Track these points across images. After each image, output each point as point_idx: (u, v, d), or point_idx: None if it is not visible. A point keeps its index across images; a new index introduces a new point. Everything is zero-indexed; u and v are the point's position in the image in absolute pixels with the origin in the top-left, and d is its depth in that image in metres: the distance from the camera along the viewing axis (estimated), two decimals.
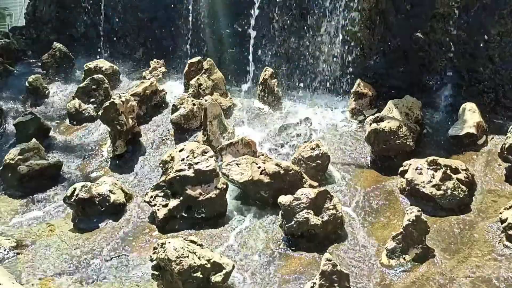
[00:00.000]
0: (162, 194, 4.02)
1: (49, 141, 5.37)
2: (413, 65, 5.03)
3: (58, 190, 4.60)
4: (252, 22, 5.77)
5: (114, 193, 4.18)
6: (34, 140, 4.84)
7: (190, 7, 6.45)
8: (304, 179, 4.07)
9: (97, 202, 4.13)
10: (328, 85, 5.49)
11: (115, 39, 7.34)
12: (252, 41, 5.80)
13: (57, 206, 4.39)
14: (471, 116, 4.34)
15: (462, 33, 4.74)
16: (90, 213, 4.13)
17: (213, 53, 6.33)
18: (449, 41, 4.81)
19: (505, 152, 3.75)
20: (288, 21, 5.76)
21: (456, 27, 4.75)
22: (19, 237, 4.00)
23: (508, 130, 3.80)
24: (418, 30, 4.95)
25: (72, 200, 4.07)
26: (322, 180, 4.19)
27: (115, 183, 4.29)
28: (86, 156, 5.07)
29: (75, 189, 4.10)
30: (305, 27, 5.61)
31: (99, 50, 7.29)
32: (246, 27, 5.93)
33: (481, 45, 4.65)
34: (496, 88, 4.63)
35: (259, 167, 3.99)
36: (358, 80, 5.09)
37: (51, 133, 5.51)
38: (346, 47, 5.32)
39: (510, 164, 3.81)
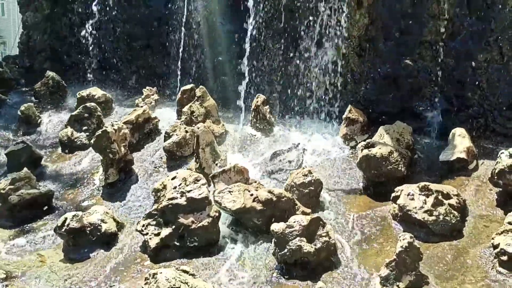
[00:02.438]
0: (154, 222, 3.99)
1: (41, 170, 5.34)
2: (403, 92, 5.10)
3: (49, 220, 4.55)
4: (246, 49, 5.85)
5: (105, 223, 4.15)
6: (25, 169, 4.82)
7: (182, 35, 6.53)
8: (297, 206, 4.06)
9: (88, 231, 4.09)
10: (319, 111, 5.55)
11: (108, 67, 7.40)
12: (243, 69, 5.87)
13: (47, 236, 4.33)
14: (461, 141, 4.39)
15: (450, 60, 4.83)
16: (81, 243, 4.08)
17: (206, 80, 6.40)
18: (438, 68, 4.90)
19: (496, 177, 3.78)
20: (280, 49, 5.84)
21: (444, 54, 4.85)
22: (8, 268, 3.93)
23: (498, 155, 3.83)
24: (407, 57, 5.04)
25: (63, 230, 4.03)
26: (315, 207, 4.18)
27: (106, 212, 4.26)
28: (77, 185, 5.04)
29: (66, 218, 4.06)
30: (297, 55, 5.69)
31: (92, 78, 7.33)
32: (238, 54, 6.00)
33: (469, 71, 4.74)
34: (485, 114, 4.70)
35: (251, 195, 3.98)
36: (350, 106, 5.14)
37: (43, 162, 5.48)
38: (337, 74, 5.40)
39: (501, 189, 3.84)
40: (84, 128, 5.79)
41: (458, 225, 3.69)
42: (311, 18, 5.48)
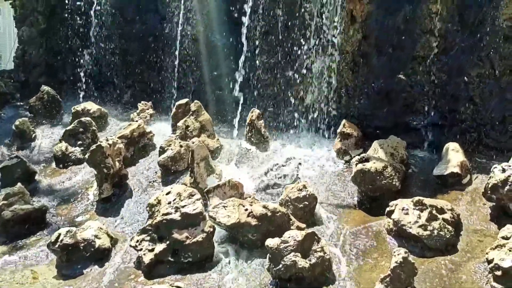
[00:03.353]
0: (148, 238, 3.96)
1: (35, 185, 5.32)
2: (397, 106, 5.14)
3: (43, 235, 4.52)
4: (240, 63, 5.89)
5: (99, 238, 4.12)
6: (19, 184, 4.80)
7: (177, 49, 6.57)
8: (291, 221, 4.05)
9: (82, 247, 4.06)
10: (314, 126, 5.57)
11: (103, 81, 7.42)
12: (238, 83, 5.91)
13: (40, 252, 4.30)
14: (454, 155, 4.41)
15: (443, 74, 4.88)
16: (74, 259, 4.05)
17: (201, 94, 6.43)
18: (430, 83, 4.94)
19: (489, 192, 3.79)
20: (275, 63, 5.88)
21: (437, 69, 4.89)
22: (1, 285, 3.89)
23: (491, 170, 3.85)
24: (400, 72, 5.08)
25: (56, 246, 4.00)
26: (310, 221, 4.18)
27: (100, 228, 4.24)
28: (71, 200, 5.02)
29: (59, 234, 4.03)
30: (291, 69, 5.74)
31: (87, 92, 7.34)
32: (233, 69, 6.04)
33: (462, 86, 4.78)
34: (478, 128, 4.73)
35: (246, 210, 3.98)
36: (344, 121, 5.17)
37: (37, 177, 5.46)
38: (331, 88, 5.44)
39: (494, 204, 3.85)
40: (79, 142, 5.79)
41: (452, 240, 3.69)
42: (305, 33, 5.54)
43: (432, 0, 4.81)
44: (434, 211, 3.74)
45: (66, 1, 7.43)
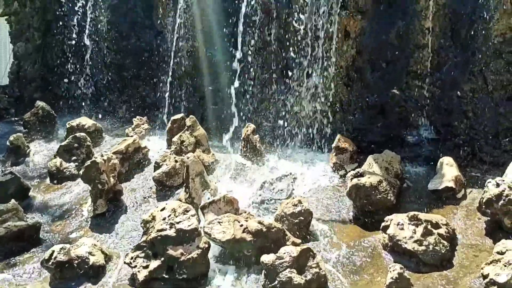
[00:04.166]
0: (143, 255, 3.94)
1: (29, 201, 5.27)
2: (391, 120, 5.17)
3: (36, 252, 4.47)
4: (235, 78, 5.91)
5: (93, 255, 4.08)
6: (13, 201, 4.75)
7: (172, 65, 6.60)
8: (287, 236, 4.04)
9: (75, 264, 4.02)
10: (309, 140, 5.59)
11: (98, 96, 7.43)
12: (233, 98, 5.93)
13: (34, 269, 4.25)
14: (449, 170, 4.43)
15: (436, 89, 4.92)
16: (68, 276, 4.00)
17: (196, 109, 6.44)
18: (424, 97, 4.98)
19: (483, 207, 3.80)
20: (270, 78, 5.92)
21: (430, 83, 4.94)
22: None
23: (485, 185, 3.86)
24: (394, 86, 5.12)
25: (50, 263, 3.96)
26: (305, 237, 4.17)
27: (94, 244, 4.20)
28: (66, 216, 4.98)
29: (53, 251, 4.00)
30: (286, 84, 5.77)
31: (82, 107, 7.34)
32: (228, 84, 6.06)
33: (455, 101, 4.82)
34: (471, 142, 4.76)
35: (241, 225, 3.96)
36: (339, 135, 5.19)
37: (31, 193, 5.42)
38: (326, 103, 5.46)
39: (489, 218, 3.86)
40: (74, 158, 5.76)
41: (448, 255, 3.69)
42: (299, 48, 5.58)
43: (424, 16, 4.88)
44: (429, 226, 3.75)
45: (62, 17, 7.46)
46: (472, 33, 4.69)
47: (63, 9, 7.37)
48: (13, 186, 5.24)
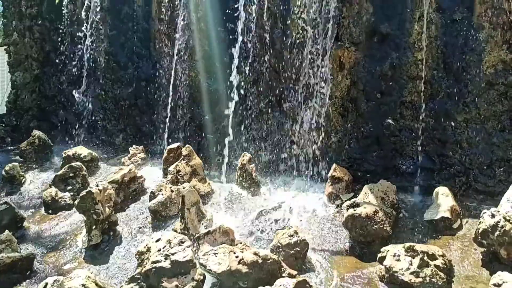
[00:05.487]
0: (137, 287, 3.89)
1: (23, 232, 5.23)
2: (386, 150, 5.20)
3: (29, 285, 4.41)
4: (231, 108, 5.96)
5: (87, 287, 4.03)
6: (7, 231, 4.72)
7: (169, 94, 6.66)
8: (283, 268, 4.00)
9: None
10: (305, 170, 5.60)
11: (95, 125, 7.45)
12: (230, 127, 5.96)
13: None
14: (444, 200, 4.44)
15: (430, 119, 4.97)
16: None
17: (192, 139, 6.47)
18: (418, 127, 5.02)
19: (479, 238, 3.80)
20: (265, 108, 5.96)
21: (424, 114, 4.99)
22: None
23: (481, 215, 3.86)
24: (388, 116, 5.17)
25: None
26: (301, 268, 4.13)
27: (88, 276, 4.14)
28: (60, 247, 4.94)
29: (46, 284, 3.92)
30: (282, 113, 5.82)
31: (79, 137, 7.36)
32: (224, 113, 6.11)
33: (449, 131, 4.87)
34: (466, 172, 4.78)
35: (237, 257, 3.93)
36: (334, 165, 5.21)
37: (26, 223, 5.38)
38: (321, 133, 5.50)
39: (485, 249, 3.85)
40: (69, 188, 5.74)
41: (444, 287, 3.65)
42: (295, 78, 5.65)
43: (417, 48, 4.97)
44: (425, 258, 3.73)
45: (60, 47, 7.55)
46: (465, 64, 4.77)
47: (61, 39, 7.46)
48: (7, 216, 5.21)
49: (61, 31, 7.45)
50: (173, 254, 3.90)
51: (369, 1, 5.19)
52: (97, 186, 4.93)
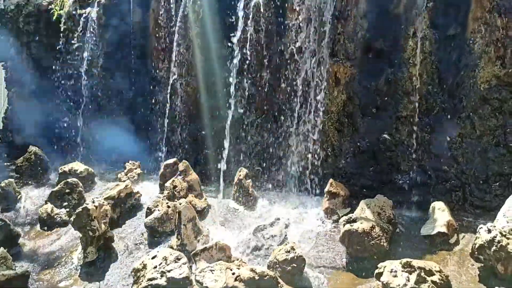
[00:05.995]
0: None
1: (18, 249, 5.18)
2: (382, 165, 5.22)
3: None
4: (227, 124, 5.98)
5: None
6: (1, 248, 4.67)
7: (167, 110, 6.67)
8: (280, 284, 3.98)
9: None
10: (301, 185, 5.60)
11: (91, 140, 7.44)
12: (226, 142, 5.97)
13: None
14: (441, 215, 4.44)
15: (426, 134, 4.99)
16: None
17: (189, 154, 6.46)
18: (414, 142, 5.05)
19: (476, 253, 3.79)
20: (261, 123, 5.98)
21: (420, 129, 5.01)
22: None
23: (477, 230, 3.86)
24: (384, 131, 5.19)
25: None
26: (298, 284, 4.11)
27: None
28: (55, 264, 4.89)
29: None
30: (278, 129, 5.83)
31: (75, 152, 7.35)
32: (221, 128, 6.12)
33: (444, 145, 4.89)
34: (462, 187, 4.80)
35: (233, 273, 3.91)
36: (331, 180, 5.21)
37: (21, 240, 5.34)
38: (318, 148, 5.51)
39: (482, 264, 3.84)
40: (65, 204, 5.72)
41: None
42: (291, 93, 5.68)
43: (412, 63, 5.01)
44: (422, 274, 3.71)
45: (57, 63, 7.58)
46: (459, 80, 4.81)
47: (58, 55, 7.49)
48: (2, 233, 5.17)
49: (58, 47, 7.48)
50: (169, 271, 3.88)
51: (364, 17, 5.24)
52: (93, 202, 4.91)
